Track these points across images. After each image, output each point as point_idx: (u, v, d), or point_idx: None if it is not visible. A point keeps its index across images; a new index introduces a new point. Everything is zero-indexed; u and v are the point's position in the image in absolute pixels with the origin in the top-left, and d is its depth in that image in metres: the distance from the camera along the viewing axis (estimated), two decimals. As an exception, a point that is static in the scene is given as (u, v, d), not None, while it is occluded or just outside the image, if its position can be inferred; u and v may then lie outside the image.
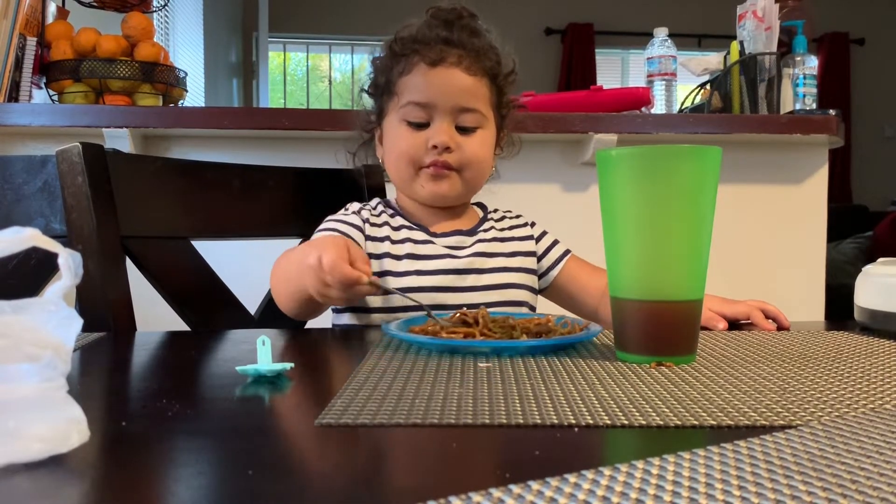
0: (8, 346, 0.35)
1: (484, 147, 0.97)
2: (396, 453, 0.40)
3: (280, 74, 6.00)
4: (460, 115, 0.95)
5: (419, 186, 0.96)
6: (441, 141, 0.93)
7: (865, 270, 0.80)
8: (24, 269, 0.88)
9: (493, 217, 1.05)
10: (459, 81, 0.94)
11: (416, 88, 0.94)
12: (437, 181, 0.95)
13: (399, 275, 0.93)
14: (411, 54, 0.95)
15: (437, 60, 0.93)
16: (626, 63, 6.21)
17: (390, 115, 0.98)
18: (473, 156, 0.96)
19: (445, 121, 0.94)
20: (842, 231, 3.19)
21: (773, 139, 1.85)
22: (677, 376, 0.54)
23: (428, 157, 0.94)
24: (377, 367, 0.57)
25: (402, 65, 0.95)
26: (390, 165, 1.00)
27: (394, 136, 0.97)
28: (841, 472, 0.33)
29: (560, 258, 1.03)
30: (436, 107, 0.94)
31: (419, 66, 0.94)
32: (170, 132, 1.71)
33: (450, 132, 0.94)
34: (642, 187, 0.60)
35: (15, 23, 1.65)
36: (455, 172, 0.95)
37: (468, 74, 0.94)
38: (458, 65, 0.94)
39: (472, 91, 0.95)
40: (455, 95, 0.94)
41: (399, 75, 0.96)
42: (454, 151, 0.94)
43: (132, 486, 0.34)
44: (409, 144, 0.95)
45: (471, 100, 0.95)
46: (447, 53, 0.94)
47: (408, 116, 0.95)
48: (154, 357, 0.71)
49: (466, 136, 0.95)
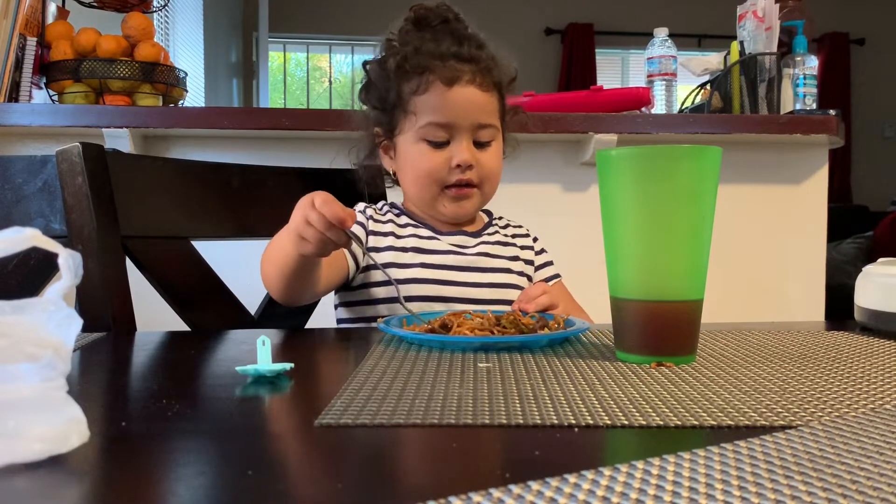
0: (8, 346, 0.35)
1: (498, 159, 1.00)
2: (396, 453, 0.40)
3: (280, 74, 6.00)
4: (478, 132, 0.96)
5: (442, 206, 0.98)
6: (465, 160, 0.95)
7: (865, 270, 0.80)
8: (24, 269, 0.88)
9: (498, 224, 1.07)
10: (476, 99, 0.95)
11: (435, 109, 0.95)
12: (460, 201, 0.97)
13: (404, 266, 0.94)
14: (424, 72, 0.95)
15: (453, 79, 0.94)
16: (626, 63, 6.21)
17: (406, 134, 0.98)
18: (491, 170, 0.98)
19: (466, 139, 0.95)
20: (842, 231, 3.19)
21: (773, 139, 1.85)
22: (677, 376, 0.54)
23: (451, 175, 0.96)
24: (377, 367, 0.57)
25: (414, 83, 0.96)
26: (409, 184, 1.00)
27: (413, 156, 0.97)
28: (841, 472, 0.33)
29: (549, 279, 1.06)
30: (456, 126, 0.95)
31: (436, 86, 0.94)
32: (170, 132, 1.71)
33: (471, 150, 0.96)
34: (642, 187, 0.60)
35: (15, 23, 1.65)
36: (475, 189, 0.98)
37: (482, 91, 0.96)
38: (472, 82, 0.95)
39: (487, 107, 0.97)
40: (474, 114, 0.95)
41: (413, 93, 0.96)
42: (475, 168, 0.96)
43: (132, 486, 0.34)
44: (432, 164, 0.96)
45: (486, 116, 0.97)
46: (461, 71, 0.95)
47: (428, 136, 0.96)
48: (154, 357, 0.71)
49: (483, 150, 0.97)
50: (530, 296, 0.84)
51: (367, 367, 0.57)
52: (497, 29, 1.02)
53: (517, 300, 0.85)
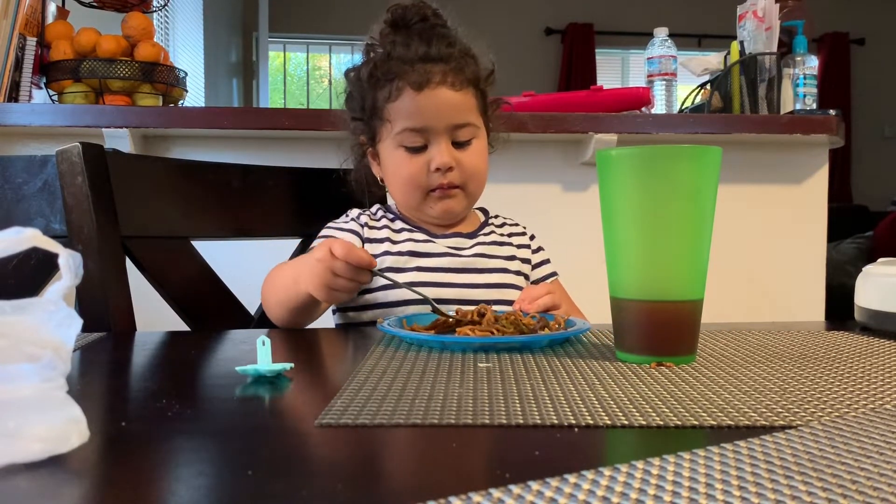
0: (8, 346, 0.35)
1: (481, 157, 0.99)
2: (396, 453, 0.40)
3: (280, 74, 6.00)
4: (455, 132, 0.95)
5: (428, 208, 0.98)
6: (443, 162, 0.94)
7: (865, 270, 0.80)
8: (24, 269, 0.88)
9: (494, 222, 1.07)
10: (449, 100, 0.94)
11: (407, 114, 0.94)
12: (445, 200, 0.97)
13: (400, 270, 0.94)
14: (394, 78, 0.94)
15: (423, 83, 0.93)
16: (626, 63, 6.21)
17: (385, 141, 0.98)
18: (474, 169, 0.97)
19: (443, 141, 0.95)
20: (842, 231, 3.19)
21: (773, 139, 1.85)
22: (677, 376, 0.54)
23: (432, 179, 0.95)
24: (377, 367, 0.57)
25: (386, 90, 0.95)
26: (395, 191, 1.01)
27: (394, 163, 0.97)
28: (841, 472, 0.33)
29: (546, 277, 1.05)
30: (431, 129, 0.94)
31: (406, 92, 0.94)
32: (170, 132, 1.71)
33: (449, 151, 0.95)
34: (642, 187, 0.60)
35: (15, 23, 1.65)
36: (459, 189, 0.97)
37: (454, 90, 0.95)
38: (443, 83, 0.94)
39: (462, 106, 0.96)
40: (447, 115, 0.94)
41: (386, 101, 0.95)
42: (455, 169, 0.95)
43: (132, 486, 0.34)
44: (412, 170, 0.96)
45: (462, 115, 0.96)
46: (430, 73, 0.94)
47: (405, 142, 0.95)
48: (154, 357, 0.71)
49: (463, 150, 0.96)
50: (533, 295, 0.84)
51: (367, 367, 0.57)
52: (497, 29, 1.02)
53: (518, 300, 0.84)
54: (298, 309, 0.86)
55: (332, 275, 0.76)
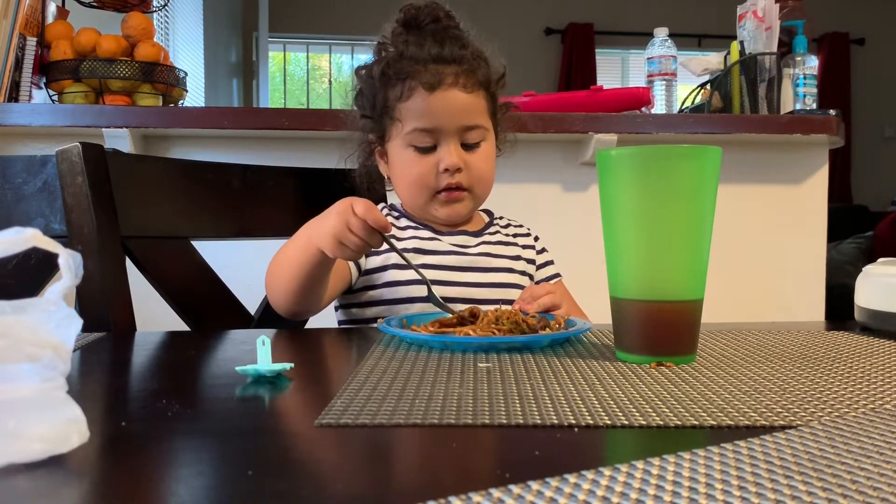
0: (8, 346, 0.35)
1: (489, 160, 0.99)
2: (396, 453, 0.40)
3: (280, 74, 6.00)
4: (465, 134, 0.96)
5: (434, 210, 0.98)
6: (452, 163, 0.94)
7: (865, 270, 0.80)
8: (24, 269, 0.88)
9: (499, 223, 1.07)
10: (460, 101, 0.95)
11: (419, 115, 0.94)
12: (452, 205, 0.97)
13: (406, 267, 0.94)
14: (407, 78, 0.94)
15: (435, 84, 0.93)
16: (626, 63, 6.21)
17: (394, 140, 0.98)
18: (481, 172, 0.97)
19: (452, 142, 0.95)
20: (842, 231, 3.19)
21: (773, 139, 1.85)
22: (677, 376, 0.54)
23: (440, 180, 0.95)
24: (377, 367, 0.57)
25: (398, 89, 0.95)
26: (402, 190, 1.01)
27: (402, 162, 0.97)
28: (841, 472, 0.33)
29: (550, 278, 1.06)
30: (441, 130, 0.94)
31: (418, 92, 0.94)
32: (170, 132, 1.71)
33: (458, 152, 0.95)
34: (642, 187, 0.60)
35: (15, 23, 1.65)
36: (466, 192, 0.97)
37: (466, 92, 0.95)
38: (455, 84, 0.94)
39: (473, 108, 0.96)
40: (458, 116, 0.95)
41: (397, 100, 0.96)
42: (463, 170, 0.96)
43: (132, 486, 0.34)
44: (420, 170, 0.96)
45: (472, 117, 0.96)
46: (443, 74, 0.94)
47: (414, 142, 0.95)
48: (154, 357, 0.71)
49: (472, 152, 0.97)
50: (534, 295, 0.84)
51: (367, 367, 0.57)
52: (497, 29, 1.01)
53: (518, 299, 0.85)
54: (306, 276, 0.84)
55: (347, 230, 0.76)
